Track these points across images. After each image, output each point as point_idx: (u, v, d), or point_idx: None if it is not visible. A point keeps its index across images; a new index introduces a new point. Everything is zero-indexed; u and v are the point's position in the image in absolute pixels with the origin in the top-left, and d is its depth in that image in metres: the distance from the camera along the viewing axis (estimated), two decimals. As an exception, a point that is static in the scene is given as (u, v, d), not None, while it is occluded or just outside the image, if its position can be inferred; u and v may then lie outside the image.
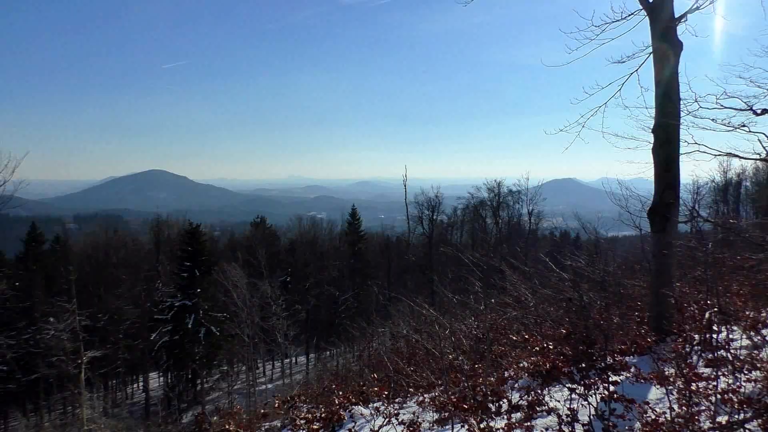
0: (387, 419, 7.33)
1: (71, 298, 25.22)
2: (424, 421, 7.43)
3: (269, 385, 43.52)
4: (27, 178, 17.44)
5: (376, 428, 7.14)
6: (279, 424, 10.80)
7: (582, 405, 5.58)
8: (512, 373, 8.49)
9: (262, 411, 12.78)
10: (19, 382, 36.14)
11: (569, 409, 5.38)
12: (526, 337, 9.09)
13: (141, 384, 49.57)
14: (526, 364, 8.18)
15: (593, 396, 5.50)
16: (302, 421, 8.00)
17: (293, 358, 50.98)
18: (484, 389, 6.93)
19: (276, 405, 9.12)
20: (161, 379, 46.70)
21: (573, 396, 5.80)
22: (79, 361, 21.70)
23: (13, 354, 35.61)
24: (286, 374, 44.18)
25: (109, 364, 38.09)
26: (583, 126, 9.84)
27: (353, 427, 7.36)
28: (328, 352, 51.72)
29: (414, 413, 7.56)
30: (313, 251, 55.80)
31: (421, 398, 8.79)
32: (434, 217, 55.19)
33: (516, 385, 7.71)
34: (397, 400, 8.80)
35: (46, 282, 40.84)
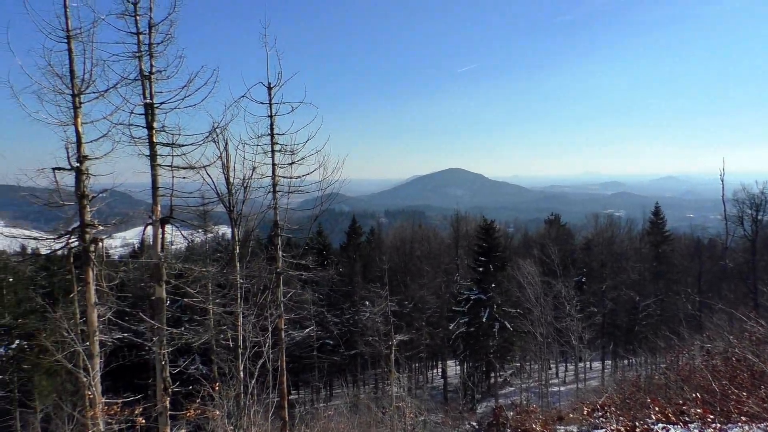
0: (709, 448, 6.58)
1: (384, 286, 28.18)
2: (754, 457, 6.48)
3: (562, 388, 42.56)
4: (348, 177, 19.89)
5: (696, 456, 6.46)
6: (575, 430, 10.50)
7: None
8: None
9: (559, 414, 12.56)
10: (341, 355, 41.99)
11: None
12: None
13: (439, 370, 53.06)
14: None
15: None
16: (611, 434, 7.65)
17: (587, 363, 49.02)
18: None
19: (585, 411, 8.87)
20: (458, 367, 49.28)
21: None
22: (390, 343, 24.17)
23: (338, 330, 41.52)
24: (580, 379, 42.65)
25: (413, 348, 41.64)
26: None
27: (667, 449, 6.78)
28: (626, 361, 48.46)
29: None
30: (610, 251, 52.74)
31: (749, 429, 7.67)
32: (759, 217, 47.28)
33: None
34: (714, 426, 7.83)
35: (363, 270, 46.41)
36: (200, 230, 22.99)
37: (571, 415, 10.76)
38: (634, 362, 47.69)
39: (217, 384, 10.35)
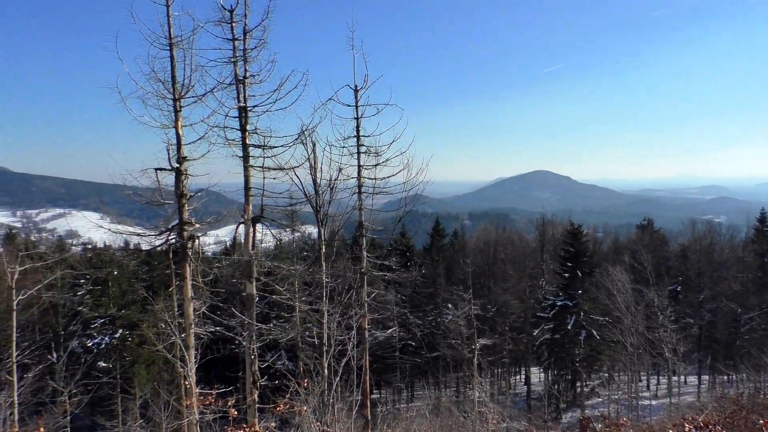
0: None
1: (467, 289, 28.04)
2: None
3: (653, 402, 40.56)
4: (432, 178, 19.83)
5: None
6: (671, 448, 9.94)
7: None
8: None
9: (651, 429, 11.99)
10: (423, 357, 41.96)
11: None
12: None
13: (523, 376, 51.93)
14: None
15: None
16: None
17: (682, 377, 46.44)
18: None
19: (687, 429, 8.35)
20: (542, 374, 48.03)
21: None
22: (473, 347, 23.94)
23: (421, 332, 41.53)
24: (673, 393, 40.46)
25: (496, 353, 40.96)
26: None
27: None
28: (725, 377, 45.54)
29: None
30: (708, 260, 49.67)
31: None
32: None
33: None
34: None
35: (446, 272, 46.17)
36: (288, 229, 23.72)
37: (652, 428, 10.21)
38: (734, 378, 44.68)
39: (306, 380, 10.60)
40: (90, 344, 33.34)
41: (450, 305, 38.73)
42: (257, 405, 14.14)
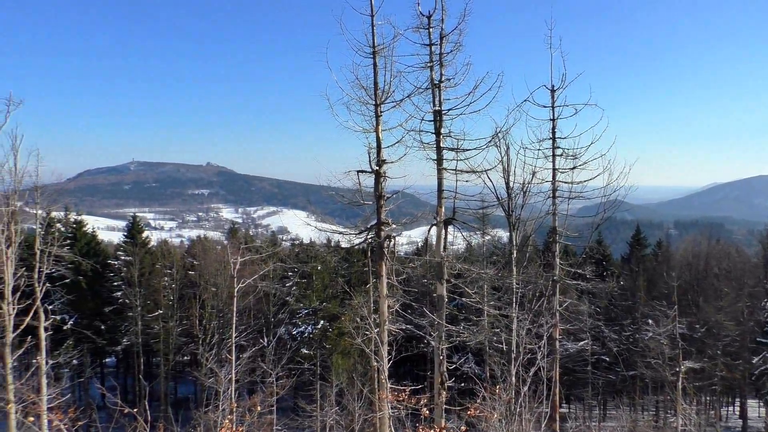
0: None
1: (671, 304, 25.59)
2: None
3: None
4: (635, 183, 18.41)
5: None
6: None
7: None
8: None
9: None
10: (618, 374, 39.19)
11: None
12: None
13: (737, 408, 46.10)
14: None
15: None
16: None
17: None
18: None
19: None
20: (762, 409, 42.27)
21: None
22: (677, 369, 21.78)
23: (616, 348, 38.84)
24: None
25: (704, 379, 36.82)
26: None
27: None
28: None
29: None
30: None
31: None
32: None
33: None
34: None
35: (647, 285, 42.64)
36: (479, 232, 23.69)
37: None
38: None
39: (498, 386, 10.48)
40: (295, 332, 36.49)
41: (650, 321, 35.63)
42: (444, 406, 14.31)
